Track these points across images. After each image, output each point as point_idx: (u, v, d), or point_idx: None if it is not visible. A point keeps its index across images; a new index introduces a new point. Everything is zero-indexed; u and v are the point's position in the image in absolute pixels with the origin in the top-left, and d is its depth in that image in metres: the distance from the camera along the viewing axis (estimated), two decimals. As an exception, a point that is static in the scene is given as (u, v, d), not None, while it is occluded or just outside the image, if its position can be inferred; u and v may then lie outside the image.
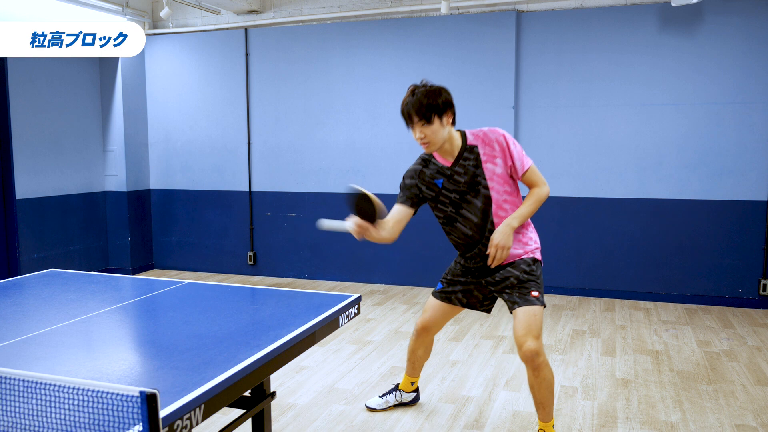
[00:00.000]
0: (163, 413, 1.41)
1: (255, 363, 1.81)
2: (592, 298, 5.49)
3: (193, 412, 1.52)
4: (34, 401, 1.35)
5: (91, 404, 1.29)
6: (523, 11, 5.46)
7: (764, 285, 5.06)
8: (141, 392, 1.25)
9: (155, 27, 6.60)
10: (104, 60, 6.38)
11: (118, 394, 1.27)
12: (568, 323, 4.75)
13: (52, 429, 1.33)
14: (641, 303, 5.32)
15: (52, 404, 1.33)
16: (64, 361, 1.87)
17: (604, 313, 5.02)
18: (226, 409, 2.72)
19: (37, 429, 1.35)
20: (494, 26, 5.47)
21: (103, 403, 1.29)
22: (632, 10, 5.19)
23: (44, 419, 1.34)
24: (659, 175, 5.26)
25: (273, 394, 2.45)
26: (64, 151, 6.06)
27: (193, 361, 1.82)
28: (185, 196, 6.66)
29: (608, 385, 3.55)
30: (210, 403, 1.60)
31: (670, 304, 5.27)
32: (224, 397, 1.67)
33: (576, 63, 5.36)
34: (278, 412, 3.20)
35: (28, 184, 5.68)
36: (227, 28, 6.31)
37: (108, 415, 1.28)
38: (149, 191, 6.77)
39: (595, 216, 5.45)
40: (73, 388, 1.31)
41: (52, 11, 5.53)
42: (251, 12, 6.23)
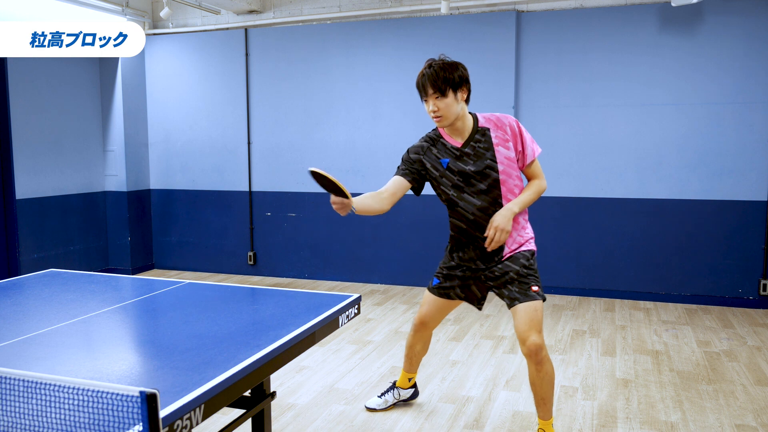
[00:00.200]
0: (163, 413, 1.41)
1: (255, 363, 1.81)
2: (592, 298, 5.49)
3: (193, 412, 1.52)
4: (34, 401, 1.34)
5: (91, 404, 1.29)
6: (523, 11, 5.46)
7: (764, 285, 5.06)
8: (141, 392, 1.25)
9: (155, 27, 6.60)
10: (104, 60, 6.38)
11: (118, 394, 1.27)
12: (568, 323, 4.75)
13: (52, 429, 1.33)
14: (641, 303, 5.32)
15: (52, 404, 1.33)
16: (64, 361, 1.87)
17: (604, 313, 5.02)
18: (226, 409, 2.72)
19: (37, 429, 1.35)
20: (494, 26, 5.47)
21: (103, 403, 1.28)
22: (632, 10, 5.19)
23: (44, 419, 1.34)
24: (659, 175, 5.26)
25: (273, 394, 2.45)
26: (64, 151, 6.06)
27: (193, 361, 1.82)
28: (185, 196, 6.66)
29: (608, 385, 3.55)
30: (210, 403, 1.60)
31: (670, 304, 5.27)
32: (224, 397, 1.67)
33: (576, 63, 5.36)
34: (278, 412, 3.20)
35: (28, 184, 5.68)
36: (227, 28, 6.31)
37: (108, 415, 1.28)
38: (149, 191, 6.77)
39: (595, 216, 5.45)
40: (73, 388, 1.31)
41: (52, 11, 5.53)
42: (251, 12, 6.23)
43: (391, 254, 6.01)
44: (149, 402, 1.25)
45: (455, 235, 2.81)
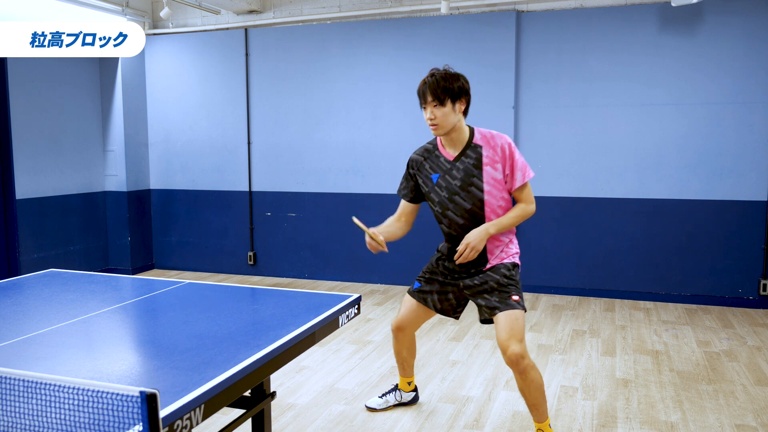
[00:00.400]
0: (163, 413, 1.41)
1: (255, 363, 1.81)
2: (592, 298, 5.49)
3: (193, 412, 1.52)
4: (34, 401, 1.35)
5: (91, 404, 1.29)
6: (523, 11, 5.46)
7: (764, 285, 5.06)
8: (141, 392, 1.25)
9: (155, 27, 6.60)
10: (104, 60, 6.38)
11: (118, 394, 1.27)
12: (568, 323, 4.75)
13: (52, 429, 1.33)
14: (641, 303, 5.32)
15: (52, 404, 1.33)
16: (64, 361, 1.87)
17: (604, 313, 5.02)
18: (226, 409, 2.72)
19: (37, 429, 1.35)
20: (494, 26, 5.47)
21: (103, 403, 1.29)
22: (632, 10, 5.19)
23: (44, 419, 1.34)
24: (659, 175, 5.26)
25: (273, 394, 2.45)
26: (64, 151, 6.06)
27: (193, 361, 1.82)
28: (185, 196, 6.66)
29: (608, 385, 3.55)
30: (210, 403, 1.60)
31: (670, 304, 5.27)
32: (224, 397, 1.67)
33: (576, 63, 5.36)
34: (278, 412, 3.20)
35: (28, 184, 5.68)
36: (227, 28, 6.31)
37: (108, 415, 1.28)
38: (149, 191, 6.77)
39: (595, 216, 5.45)
40: (73, 388, 1.31)
41: (52, 11, 5.53)
42: (251, 12, 6.23)
43: (391, 254, 5.95)
44: (149, 402, 1.25)
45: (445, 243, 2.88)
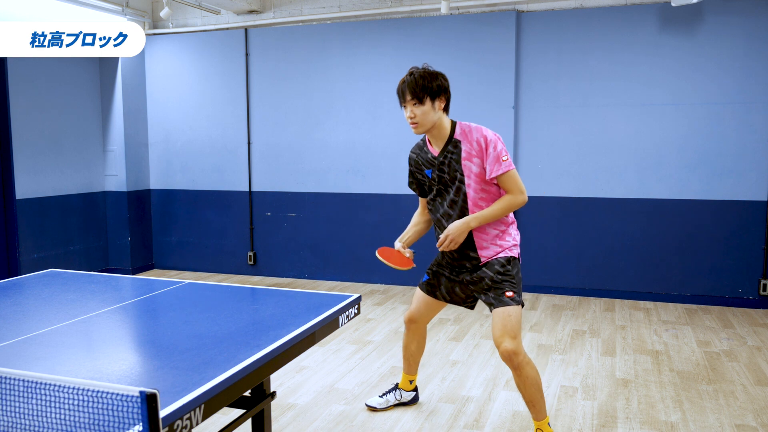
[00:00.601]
0: (163, 413, 1.41)
1: (255, 363, 1.81)
2: (592, 298, 5.49)
3: (193, 412, 1.52)
4: (34, 401, 1.35)
5: (91, 404, 1.29)
6: (523, 11, 5.46)
7: (764, 285, 5.06)
8: (141, 392, 1.25)
9: (155, 27, 6.60)
10: (104, 60, 6.38)
11: (118, 394, 1.28)
12: (568, 323, 4.75)
13: (52, 429, 1.33)
14: (641, 303, 5.32)
15: (52, 404, 1.33)
16: (64, 361, 1.87)
17: (604, 313, 5.02)
18: (226, 409, 2.72)
19: (37, 429, 1.35)
20: (494, 26, 5.47)
21: (103, 403, 1.29)
22: (632, 10, 5.19)
23: (44, 419, 1.34)
24: (659, 175, 5.26)
25: (273, 394, 2.45)
26: (64, 151, 6.06)
27: (193, 361, 1.82)
28: (185, 196, 6.66)
29: (608, 385, 3.55)
30: (210, 403, 1.60)
31: (670, 304, 5.27)
32: (224, 397, 1.67)
33: (576, 63, 5.36)
34: (278, 412, 3.20)
35: (28, 184, 5.68)
36: (227, 28, 6.31)
37: (108, 415, 1.28)
38: (149, 191, 6.77)
39: (595, 216, 5.45)
40: (73, 388, 1.31)
41: (52, 11, 5.53)
42: (251, 12, 6.23)
43: (391, 254, 5.99)
44: (149, 402, 1.25)
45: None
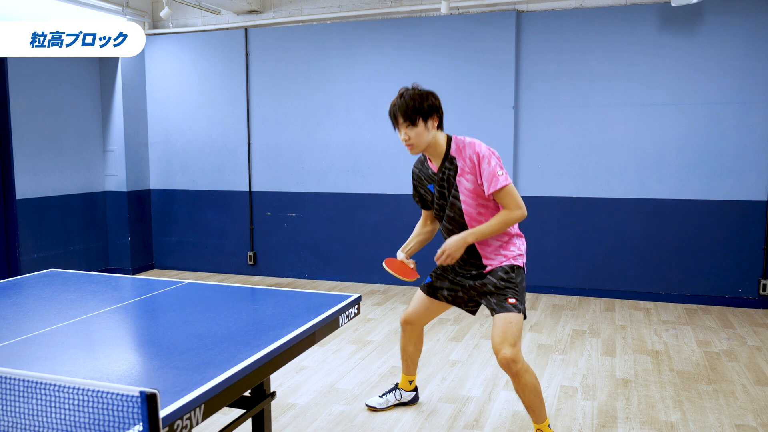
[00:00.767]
0: (163, 413, 1.41)
1: (255, 363, 1.81)
2: (592, 298, 5.49)
3: (193, 412, 1.52)
4: (34, 401, 1.35)
5: (91, 404, 1.29)
6: (523, 11, 5.46)
7: (764, 285, 5.06)
8: (141, 392, 1.25)
9: (155, 27, 6.60)
10: (104, 60, 6.38)
11: (118, 394, 1.27)
12: (568, 323, 4.75)
13: (52, 429, 1.33)
14: (641, 303, 5.32)
15: (52, 404, 1.33)
16: (64, 361, 1.87)
17: (604, 313, 5.02)
18: (226, 409, 2.72)
19: (37, 429, 1.35)
20: (494, 26, 5.47)
21: (103, 403, 1.29)
22: (632, 10, 5.19)
23: (44, 419, 1.34)
24: (659, 175, 5.26)
25: (273, 394, 2.45)
26: (64, 151, 6.06)
27: (193, 361, 1.82)
28: (185, 196, 6.66)
29: (608, 385, 3.55)
30: (210, 403, 1.60)
31: (670, 304, 5.27)
32: (224, 397, 1.67)
33: (576, 63, 5.36)
34: (278, 412, 3.20)
35: (28, 184, 5.68)
36: (227, 28, 6.31)
37: (108, 415, 1.28)
38: (149, 191, 6.77)
39: (595, 216, 5.45)
40: (73, 388, 1.31)
41: (52, 11, 5.53)
42: (251, 12, 6.23)
43: (391, 254, 5.98)
44: (149, 402, 1.25)
45: None
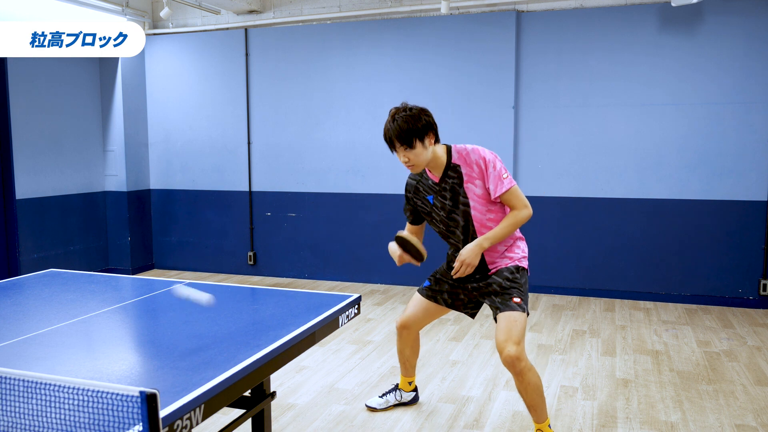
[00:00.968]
0: (163, 413, 1.41)
1: (255, 363, 1.81)
2: (592, 298, 5.49)
3: (193, 412, 1.52)
4: (34, 401, 1.35)
5: (91, 404, 1.29)
6: (523, 11, 5.46)
7: (764, 285, 5.06)
8: (141, 392, 1.25)
9: (155, 27, 6.60)
10: (104, 60, 6.38)
11: (118, 394, 1.27)
12: (568, 323, 4.75)
13: (52, 429, 1.33)
14: (641, 303, 5.32)
15: (52, 404, 1.33)
16: (64, 361, 1.87)
17: (604, 313, 5.02)
18: (226, 409, 2.72)
19: (37, 429, 1.35)
20: (494, 26, 5.47)
21: (103, 403, 1.29)
22: (632, 10, 5.19)
23: (44, 419, 1.34)
24: (659, 175, 5.26)
25: (273, 394, 2.45)
26: (64, 151, 6.06)
27: (193, 361, 1.82)
28: (185, 196, 6.66)
29: (608, 385, 3.55)
30: (210, 403, 1.60)
31: (670, 304, 5.27)
32: (224, 397, 1.67)
33: (576, 63, 5.36)
34: (278, 412, 3.20)
35: (28, 184, 5.68)
36: (227, 28, 6.31)
37: (108, 415, 1.28)
38: (149, 191, 6.77)
39: (595, 216, 5.45)
40: (73, 388, 1.31)
41: (52, 11, 5.53)
42: (251, 12, 6.23)
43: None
44: (149, 402, 1.25)
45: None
